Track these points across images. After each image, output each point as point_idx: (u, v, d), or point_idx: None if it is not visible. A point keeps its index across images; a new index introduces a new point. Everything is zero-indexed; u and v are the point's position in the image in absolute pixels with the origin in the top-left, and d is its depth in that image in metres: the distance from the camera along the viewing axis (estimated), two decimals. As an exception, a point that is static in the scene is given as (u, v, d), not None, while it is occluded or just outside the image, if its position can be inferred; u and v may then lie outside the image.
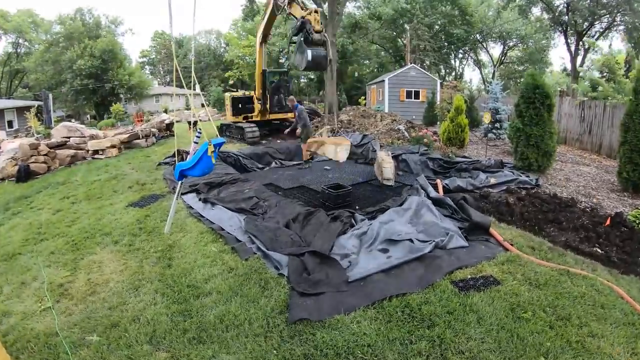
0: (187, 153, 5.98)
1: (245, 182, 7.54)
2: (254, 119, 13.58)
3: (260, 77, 12.70)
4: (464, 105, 11.46)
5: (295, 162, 10.43)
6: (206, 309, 3.36)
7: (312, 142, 8.62)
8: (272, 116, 14.03)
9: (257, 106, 13.37)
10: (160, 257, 4.48)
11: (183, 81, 5.26)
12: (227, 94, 14.47)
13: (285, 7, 9.34)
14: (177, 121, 18.44)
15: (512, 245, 4.43)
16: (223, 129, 14.60)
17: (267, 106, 13.49)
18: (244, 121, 13.56)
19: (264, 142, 13.56)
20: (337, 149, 8.08)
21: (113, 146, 12.52)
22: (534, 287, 3.56)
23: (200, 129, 5.04)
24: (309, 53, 7.17)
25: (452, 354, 2.73)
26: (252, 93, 14.13)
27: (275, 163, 10.50)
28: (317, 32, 7.82)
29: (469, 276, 3.77)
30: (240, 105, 13.76)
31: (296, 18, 8.71)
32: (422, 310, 3.18)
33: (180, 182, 5.24)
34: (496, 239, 4.61)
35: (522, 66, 41.83)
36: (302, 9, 8.74)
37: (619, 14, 27.88)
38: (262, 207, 5.93)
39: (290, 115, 13.81)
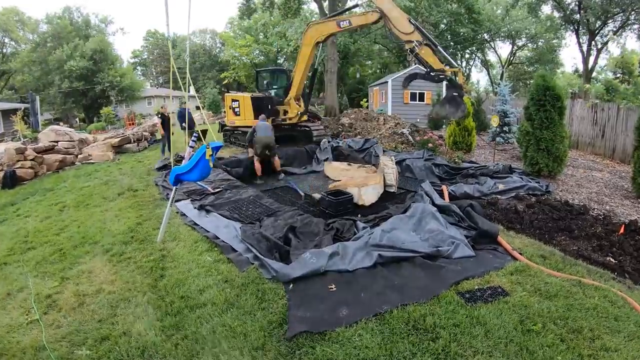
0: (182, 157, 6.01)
1: (242, 189, 7.58)
2: (287, 122, 12.89)
3: (312, 76, 12.80)
4: (471, 108, 11.53)
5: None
6: (200, 322, 3.38)
7: (333, 185, 7.57)
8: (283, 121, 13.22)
9: (296, 107, 12.75)
10: (152, 267, 4.50)
11: (180, 81, 5.33)
12: (244, 94, 13.51)
13: (416, 48, 8.76)
14: (172, 124, 18.48)
15: (521, 254, 4.46)
16: (228, 134, 14.06)
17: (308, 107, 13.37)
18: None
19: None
20: (360, 191, 6.84)
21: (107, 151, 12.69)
22: (545, 298, 3.58)
23: (196, 132, 5.10)
24: (464, 107, 8.20)
25: (458, 368, 2.75)
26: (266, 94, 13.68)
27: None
28: (463, 89, 8.52)
29: (476, 287, 3.79)
30: (265, 107, 12.87)
31: (424, 63, 8.87)
32: (427, 323, 3.20)
33: (175, 187, 5.29)
34: (504, 248, 4.63)
35: (532, 67, 42.10)
36: (441, 62, 8.71)
37: (633, 12, 28.10)
38: (259, 215, 5.96)
39: (303, 118, 13.16)
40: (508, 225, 5.54)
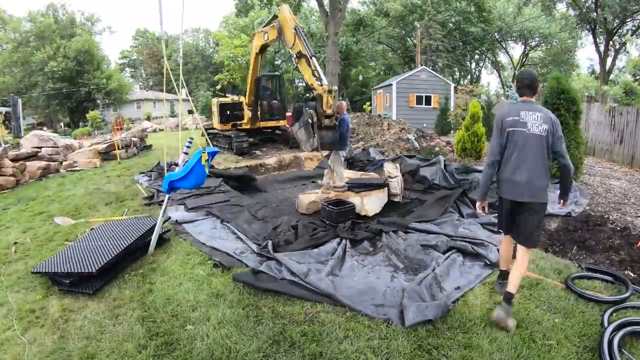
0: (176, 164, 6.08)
1: (237, 198, 7.64)
2: (243, 127, 13.97)
3: (255, 84, 13.02)
4: (481, 112, 11.61)
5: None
6: (193, 341, 3.39)
7: (335, 194, 7.37)
8: (263, 124, 14.42)
9: (247, 113, 13.81)
10: (141, 281, 4.53)
11: (174, 83, 5.41)
12: (215, 100, 14.73)
13: (294, 60, 8.44)
14: (160, 129, 18.64)
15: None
16: (210, 138, 14.69)
17: (258, 114, 14.01)
18: (233, 129, 13.91)
19: (257, 152, 13.73)
20: (363, 201, 7.07)
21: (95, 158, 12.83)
22: (559, 313, 3.60)
23: (191, 138, 5.16)
24: (314, 141, 6.99)
25: (466, 388, 2.77)
26: (241, 99, 14.51)
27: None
28: (327, 117, 7.17)
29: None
30: (228, 112, 14.02)
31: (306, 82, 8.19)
32: (431, 341, 3.23)
33: (168, 195, 5.33)
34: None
35: (546, 68, 42.30)
36: (313, 75, 7.72)
37: (653, 11, 28.30)
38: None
39: (282, 122, 14.73)
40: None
